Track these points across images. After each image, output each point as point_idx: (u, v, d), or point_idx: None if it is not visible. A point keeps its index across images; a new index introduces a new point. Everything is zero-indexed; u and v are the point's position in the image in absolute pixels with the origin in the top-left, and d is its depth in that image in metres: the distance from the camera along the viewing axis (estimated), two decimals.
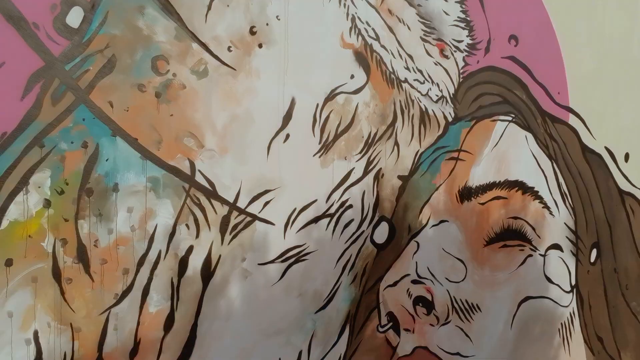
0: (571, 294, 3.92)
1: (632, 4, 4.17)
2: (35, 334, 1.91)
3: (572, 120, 3.82)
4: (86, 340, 2.01)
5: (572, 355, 3.98)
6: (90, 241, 2.00)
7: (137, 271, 2.11)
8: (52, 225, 1.93)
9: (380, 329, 2.89)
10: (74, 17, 1.93)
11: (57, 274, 1.95)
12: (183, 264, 2.21)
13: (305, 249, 2.55)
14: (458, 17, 3.07)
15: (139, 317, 2.12)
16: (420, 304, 3.03)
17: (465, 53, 3.12)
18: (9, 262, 1.86)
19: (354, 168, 2.70)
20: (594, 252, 4.06)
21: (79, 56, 1.95)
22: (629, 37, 4.18)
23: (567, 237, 3.85)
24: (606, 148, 4.10)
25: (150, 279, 2.14)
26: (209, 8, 2.21)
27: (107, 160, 2.02)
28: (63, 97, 1.92)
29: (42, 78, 1.88)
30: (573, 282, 3.92)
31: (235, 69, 2.30)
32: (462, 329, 3.24)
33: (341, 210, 2.67)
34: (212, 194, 2.27)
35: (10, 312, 1.86)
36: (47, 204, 1.92)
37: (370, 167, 2.76)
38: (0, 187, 1.83)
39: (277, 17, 2.39)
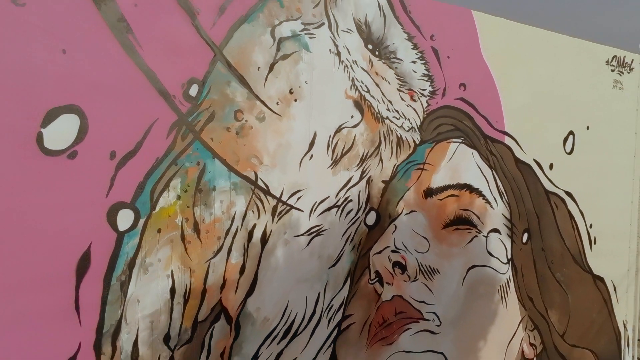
0: (507, 265, 5.24)
1: (554, 55, 5.51)
2: (172, 272, 3.20)
3: (507, 141, 5.15)
4: (197, 278, 3.30)
5: (508, 309, 5.31)
6: (200, 220, 3.28)
7: (225, 238, 3.40)
8: (181, 210, 3.21)
9: (370, 282, 4.20)
10: (193, 91, 3.22)
11: (182, 238, 3.23)
12: (250, 235, 3.50)
13: (322, 228, 3.84)
14: (423, 73, 4.39)
15: (225, 266, 3.41)
16: (397, 267, 4.34)
17: (428, 97, 4.43)
18: (159, 230, 3.14)
19: (352, 176, 4.00)
20: (525, 235, 5.40)
21: (195, 112, 3.23)
22: (552, 79, 5.53)
23: (504, 224, 5.17)
24: (534, 160, 5.44)
25: (232, 243, 3.43)
26: (266, 79, 3.51)
27: (209, 172, 3.30)
28: (187, 136, 3.21)
29: (176, 126, 3.16)
30: (509, 256, 5.24)
31: (280, 115, 3.59)
32: (426, 285, 4.55)
33: (345, 203, 3.97)
34: (266, 192, 3.56)
35: (159, 259, 3.15)
36: (178, 198, 3.20)
37: (364, 175, 4.07)
38: (155, 188, 3.11)
39: (305, 82, 3.69)
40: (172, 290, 3.23)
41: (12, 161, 2.67)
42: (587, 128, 5.95)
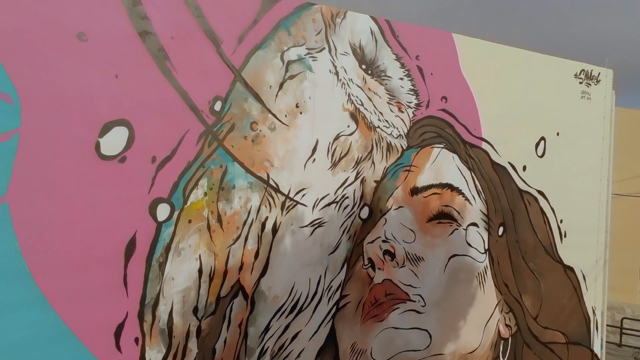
0: (485, 254, 5.89)
1: (526, 70, 6.17)
2: (199, 256, 3.84)
3: (485, 146, 5.80)
4: (220, 261, 3.94)
5: (485, 294, 5.95)
6: (222, 212, 3.92)
7: (242, 228, 4.03)
8: (207, 204, 3.85)
9: (364, 267, 4.84)
10: (217, 106, 3.86)
11: (208, 227, 3.87)
12: (263, 225, 4.14)
13: (323, 220, 4.49)
14: (409, 88, 5.04)
15: (243, 251, 4.05)
16: (387, 255, 4.98)
17: (414, 109, 5.08)
18: (189, 221, 3.78)
19: (349, 176, 4.64)
20: (501, 228, 6.05)
21: (219, 124, 3.87)
22: (525, 91, 6.18)
23: (481, 219, 5.82)
24: (509, 162, 6.08)
25: (248, 233, 4.07)
26: (277, 96, 4.15)
27: (230, 173, 3.94)
28: (212, 144, 3.85)
29: (204, 135, 3.80)
30: (486, 247, 5.89)
31: (288, 126, 4.24)
32: (412, 271, 5.19)
33: (342, 199, 4.61)
34: (276, 190, 4.20)
35: (190, 245, 3.79)
36: (205, 194, 3.84)
37: (359, 176, 4.71)
38: (187, 187, 3.75)
39: (309, 97, 4.33)
40: (200, 271, 3.87)
41: (75, 164, 3.31)
42: (557, 134, 6.60)
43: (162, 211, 3.65)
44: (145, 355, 3.65)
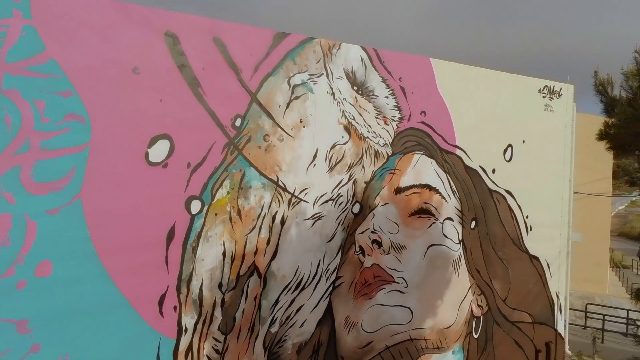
0: (459, 244, 6.79)
1: (495, 87, 7.07)
2: (223, 242, 4.72)
3: (459, 152, 6.70)
4: (239, 246, 4.82)
5: (460, 278, 6.85)
6: (241, 207, 4.81)
7: (257, 220, 4.92)
8: (229, 201, 4.73)
9: (356, 253, 5.73)
10: (238, 122, 4.74)
11: (230, 219, 4.75)
12: (274, 218, 5.03)
13: (322, 214, 5.37)
14: (394, 105, 5.93)
15: (257, 239, 4.93)
16: (375, 243, 5.87)
17: (397, 122, 5.97)
18: (216, 214, 4.65)
19: (343, 178, 5.53)
20: (473, 222, 6.95)
21: (239, 137, 4.76)
22: (494, 105, 7.09)
23: (456, 214, 6.72)
24: (480, 166, 6.99)
25: (261, 223, 4.95)
26: (284, 113, 5.03)
27: (247, 176, 4.83)
28: (233, 152, 4.73)
29: (227, 146, 4.68)
30: (460, 238, 6.79)
31: (293, 137, 5.12)
32: (396, 257, 6.09)
33: (338, 197, 5.50)
34: (284, 189, 5.08)
35: (216, 233, 4.66)
36: (228, 193, 4.72)
37: (351, 178, 5.60)
38: (214, 187, 4.63)
39: (310, 114, 5.22)
40: (224, 254, 4.75)
41: (130, 169, 4.19)
42: (523, 142, 7.52)
43: (195, 206, 4.53)
44: (182, 320, 4.53)
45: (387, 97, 5.89)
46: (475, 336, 7.22)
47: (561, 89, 8.02)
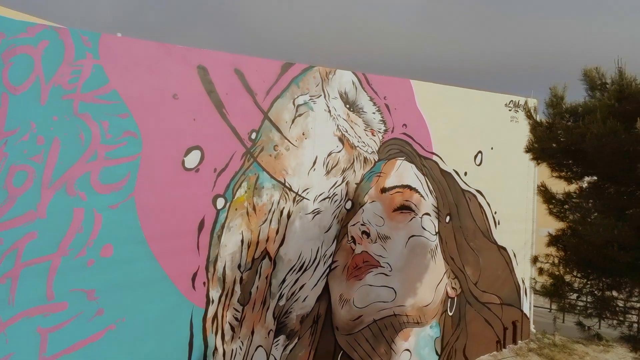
0: (436, 236, 7.87)
1: (466, 103, 8.16)
2: (242, 231, 5.77)
3: (435, 158, 7.78)
4: (254, 235, 5.88)
5: (436, 264, 7.93)
6: (256, 204, 5.87)
7: (268, 214, 5.98)
8: (247, 198, 5.79)
9: (348, 242, 6.79)
10: (253, 135, 5.80)
11: (247, 213, 5.81)
12: (282, 212, 6.09)
13: (320, 209, 6.44)
14: (379, 119, 7.00)
15: (268, 229, 5.99)
16: (364, 234, 6.93)
17: (383, 133, 7.04)
18: (236, 209, 5.71)
19: (338, 180, 6.59)
20: (448, 217, 8.03)
21: (254, 147, 5.82)
22: (466, 118, 8.17)
23: (433, 210, 7.80)
24: (454, 169, 8.07)
25: (272, 217, 6.01)
26: (290, 128, 6.09)
27: (261, 178, 5.89)
28: (250, 160, 5.79)
29: (245, 154, 5.74)
30: (437, 230, 7.87)
31: (297, 147, 6.18)
32: (382, 246, 7.15)
33: (333, 196, 6.56)
34: (290, 189, 6.15)
35: (236, 224, 5.72)
36: (245, 192, 5.79)
37: (344, 180, 6.66)
38: (235, 187, 5.69)
39: (311, 128, 6.28)
40: (242, 241, 5.80)
41: (170, 174, 5.23)
42: (492, 148, 8.61)
43: (220, 203, 5.58)
44: (209, 293, 5.57)
45: (374, 113, 6.96)
46: (450, 314, 8.31)
47: (525, 102, 9.11)
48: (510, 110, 8.87)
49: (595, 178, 4.41)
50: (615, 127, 3.36)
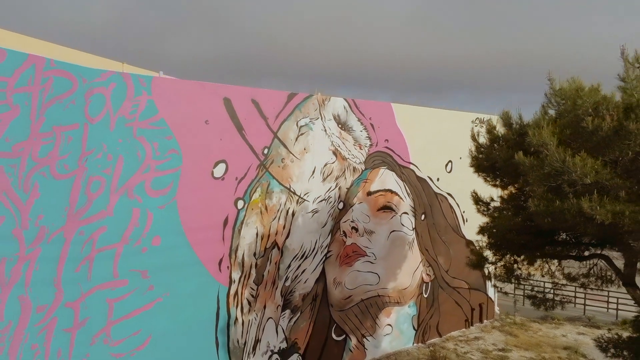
0: (413, 231, 9.28)
1: (439, 120, 9.59)
2: (256, 226, 7.15)
3: (412, 167, 9.20)
4: (266, 229, 7.26)
5: (413, 254, 9.34)
6: (268, 204, 7.25)
7: (277, 213, 7.36)
8: (260, 200, 7.17)
9: (340, 236, 8.18)
10: (265, 151, 7.18)
11: (261, 212, 7.19)
12: (287, 211, 7.47)
13: (318, 209, 7.83)
14: (366, 136, 8.41)
15: (277, 225, 7.37)
16: (353, 229, 8.33)
17: (368, 147, 8.45)
18: (252, 209, 7.09)
19: (332, 185, 7.99)
20: (423, 215, 9.45)
21: (266, 160, 7.20)
22: (437, 133, 9.60)
23: (410, 210, 9.21)
24: (428, 176, 9.50)
25: (280, 215, 7.39)
26: (294, 144, 7.48)
27: (271, 185, 7.27)
28: (263, 170, 7.17)
29: (259, 166, 7.12)
30: (413, 227, 9.29)
31: (300, 160, 7.57)
32: (368, 239, 8.55)
33: (328, 198, 7.95)
34: (294, 193, 7.53)
35: (252, 221, 7.10)
36: (259, 195, 7.16)
37: (337, 185, 8.05)
38: (252, 191, 7.06)
39: (311, 144, 7.68)
40: (257, 234, 7.17)
41: (202, 182, 6.60)
42: (460, 158, 10.02)
43: (240, 204, 6.95)
44: (232, 275, 6.94)
45: (361, 131, 8.36)
46: (425, 296, 9.72)
47: (490, 118, 10.54)
48: (476, 126, 10.29)
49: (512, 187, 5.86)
50: (512, 154, 4.65)
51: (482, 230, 6.09)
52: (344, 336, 8.49)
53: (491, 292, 11.14)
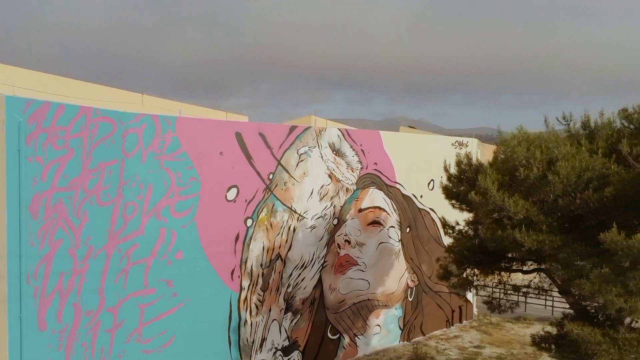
0: (399, 242, 10.35)
1: (421, 144, 10.66)
2: (263, 241, 8.19)
3: (398, 186, 10.27)
4: (271, 243, 8.30)
5: (399, 263, 10.40)
6: (273, 222, 8.29)
7: (280, 229, 8.40)
8: (266, 218, 8.21)
9: (335, 247, 9.22)
10: (270, 176, 8.23)
11: (266, 228, 8.24)
12: (289, 228, 8.52)
13: (316, 225, 8.88)
14: (357, 160, 9.48)
15: (280, 239, 8.41)
16: (346, 241, 9.38)
17: (359, 170, 9.51)
18: (259, 226, 8.13)
19: (327, 204, 9.03)
20: (408, 228, 10.52)
21: (271, 183, 8.24)
22: (420, 155, 10.69)
23: (397, 223, 10.27)
24: (412, 194, 10.58)
25: (282, 231, 8.43)
26: (295, 169, 8.54)
27: (276, 205, 8.31)
28: (268, 192, 8.22)
29: (265, 189, 8.17)
30: (399, 238, 10.35)
31: (300, 183, 8.63)
32: (359, 250, 9.60)
33: (325, 215, 9.00)
34: (295, 211, 8.58)
35: (260, 236, 8.13)
36: (265, 214, 8.21)
37: (332, 204, 9.10)
38: (259, 211, 8.10)
39: (309, 169, 8.73)
40: (263, 248, 8.20)
41: (218, 204, 7.64)
42: (441, 177, 11.08)
43: (249, 222, 7.99)
44: (242, 283, 7.97)
45: (353, 156, 9.42)
46: (410, 299, 10.77)
47: (468, 142, 11.66)
48: (455, 148, 11.38)
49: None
50: (469, 189, 5.72)
51: (448, 249, 7.18)
52: (338, 335, 9.53)
53: (470, 295, 12.21)
